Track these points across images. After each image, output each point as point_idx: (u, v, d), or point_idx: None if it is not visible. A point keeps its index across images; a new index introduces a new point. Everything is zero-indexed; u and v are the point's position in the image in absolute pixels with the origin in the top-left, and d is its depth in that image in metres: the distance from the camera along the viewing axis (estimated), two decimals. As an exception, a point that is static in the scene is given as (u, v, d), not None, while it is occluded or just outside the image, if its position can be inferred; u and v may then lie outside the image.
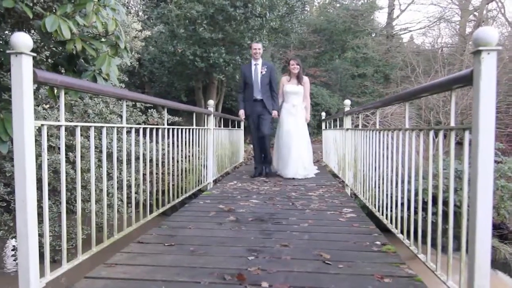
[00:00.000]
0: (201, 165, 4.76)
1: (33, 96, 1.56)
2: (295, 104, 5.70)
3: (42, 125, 1.70)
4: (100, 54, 2.47)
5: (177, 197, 3.69)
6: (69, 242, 4.18)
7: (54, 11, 2.32)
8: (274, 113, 5.63)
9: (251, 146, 6.44)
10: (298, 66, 5.72)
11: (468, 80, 1.47)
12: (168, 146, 3.46)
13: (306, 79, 5.80)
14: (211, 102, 5.30)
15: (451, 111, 1.72)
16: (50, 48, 2.82)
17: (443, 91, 1.91)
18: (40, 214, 1.61)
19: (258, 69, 5.56)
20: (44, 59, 2.95)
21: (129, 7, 7.47)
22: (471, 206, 1.43)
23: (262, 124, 5.62)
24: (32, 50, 1.51)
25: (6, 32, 2.97)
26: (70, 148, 4.79)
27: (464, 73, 1.51)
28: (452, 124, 1.75)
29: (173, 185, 3.59)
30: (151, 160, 3.05)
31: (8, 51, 1.49)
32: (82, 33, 2.54)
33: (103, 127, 2.28)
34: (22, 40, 1.46)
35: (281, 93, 5.83)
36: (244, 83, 5.64)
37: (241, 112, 5.72)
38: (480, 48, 1.37)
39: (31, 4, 2.12)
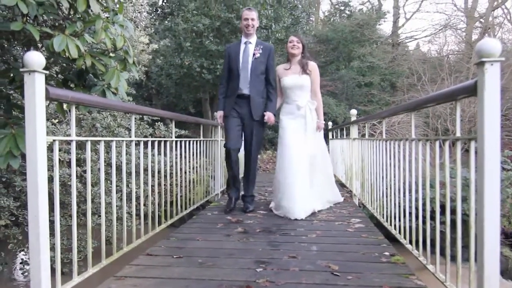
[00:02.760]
0: (209, 176, 4.79)
1: (45, 112, 1.61)
2: (300, 104, 3.79)
3: (54, 140, 1.74)
4: (109, 69, 2.53)
5: (185, 208, 3.71)
6: (77, 254, 4.22)
7: (64, 28, 2.38)
8: (268, 116, 3.71)
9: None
10: (301, 45, 3.84)
11: (472, 91, 1.48)
12: (176, 158, 3.49)
13: (313, 64, 3.88)
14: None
15: (456, 121, 1.73)
16: (60, 64, 2.89)
17: (448, 102, 1.92)
18: (50, 228, 1.64)
19: (249, 49, 3.74)
20: (54, 75, 3.02)
21: (137, 21, 7.61)
22: (479, 216, 1.43)
23: (247, 136, 3.81)
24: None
25: (15, 47, 3.06)
26: (77, 162, 4.86)
27: (468, 83, 1.53)
28: (458, 134, 1.76)
29: (181, 196, 3.61)
30: (159, 172, 3.09)
31: (21, 70, 1.54)
32: (91, 49, 2.61)
33: (112, 141, 2.32)
34: (35, 59, 1.51)
35: (277, 91, 3.94)
36: (229, 71, 3.80)
37: (219, 114, 3.86)
38: (484, 59, 1.38)
39: (39, 27, 2.18)
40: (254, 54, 3.71)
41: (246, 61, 3.71)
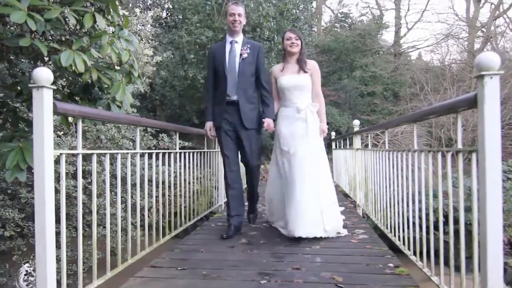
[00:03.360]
0: (212, 187, 4.80)
1: (52, 126, 1.64)
2: (300, 106, 3.35)
3: (61, 154, 1.77)
4: (114, 82, 2.58)
5: (189, 219, 3.72)
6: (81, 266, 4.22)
7: (71, 43, 2.44)
8: (267, 122, 3.32)
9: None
10: (299, 42, 3.42)
11: (472, 103, 1.50)
12: (180, 168, 3.51)
13: (313, 63, 3.50)
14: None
15: (458, 133, 1.75)
16: (66, 77, 2.94)
17: (449, 113, 1.94)
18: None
19: (236, 49, 3.32)
20: (60, 88, 3.07)
21: (141, 34, 7.72)
22: (481, 226, 1.44)
23: (243, 148, 3.38)
24: (50, 82, 1.60)
25: (23, 61, 3.12)
26: (82, 173, 4.88)
27: (468, 96, 1.55)
28: (460, 146, 1.77)
29: (185, 207, 3.63)
30: (163, 182, 3.11)
31: (30, 85, 1.58)
32: (97, 63, 2.65)
33: (118, 153, 2.35)
34: (44, 74, 1.55)
35: (274, 94, 3.53)
36: (214, 74, 3.39)
37: (208, 126, 3.43)
38: (483, 72, 1.40)
39: (46, 42, 2.23)
40: (241, 55, 3.29)
41: (233, 62, 3.29)
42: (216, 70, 3.35)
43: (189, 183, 3.78)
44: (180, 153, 3.50)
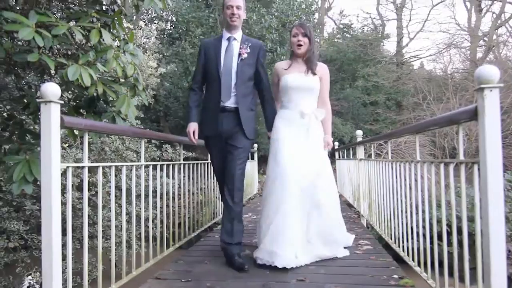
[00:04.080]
0: (216, 197, 4.81)
1: (59, 140, 1.67)
2: (305, 110, 2.92)
3: (68, 167, 1.80)
4: (119, 95, 2.62)
5: (193, 230, 3.73)
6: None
7: (77, 57, 2.48)
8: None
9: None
10: (308, 40, 2.91)
11: (473, 116, 1.52)
12: (184, 179, 3.53)
13: (323, 66, 3.04)
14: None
15: (459, 144, 1.76)
16: (72, 90, 2.99)
17: (450, 125, 1.95)
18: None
19: (234, 48, 2.84)
20: (67, 101, 3.12)
21: (146, 47, 7.84)
22: (484, 238, 1.45)
23: (229, 157, 2.81)
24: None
25: (30, 74, 3.18)
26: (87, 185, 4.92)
27: (469, 108, 1.57)
28: (461, 157, 1.79)
29: (189, 218, 3.64)
30: (167, 193, 3.13)
31: (38, 100, 1.61)
32: (103, 77, 2.70)
33: (123, 165, 2.38)
34: (51, 90, 1.59)
35: (275, 93, 3.10)
36: (204, 74, 2.91)
37: (192, 128, 2.89)
38: (483, 85, 1.43)
39: (54, 57, 2.28)
40: (240, 54, 2.79)
41: (230, 62, 2.79)
42: (207, 69, 2.86)
43: (193, 194, 3.79)
44: (184, 164, 3.53)
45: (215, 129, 2.82)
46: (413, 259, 2.60)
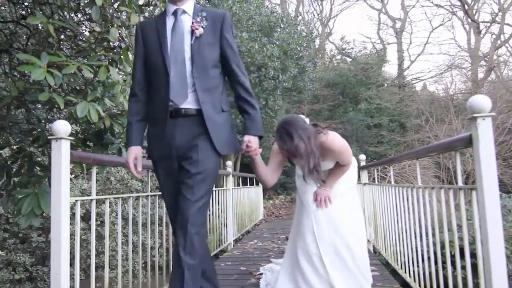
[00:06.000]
0: (221, 224, 4.82)
1: (69, 174, 1.74)
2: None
3: (76, 200, 1.85)
4: (125, 128, 2.69)
5: (199, 259, 3.72)
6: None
7: (86, 93, 2.58)
8: (248, 140, 1.99)
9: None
10: (294, 151, 2.17)
11: (468, 143, 1.57)
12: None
13: (330, 139, 2.32)
14: (229, 163, 5.47)
15: (457, 171, 1.80)
16: (80, 124, 3.09)
17: (448, 151, 2.00)
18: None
19: (184, 23, 1.89)
20: (75, 133, 3.21)
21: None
22: (485, 264, 1.47)
23: (183, 190, 1.82)
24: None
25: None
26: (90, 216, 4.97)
27: (464, 136, 1.62)
28: (460, 183, 1.82)
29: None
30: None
31: (50, 137, 1.69)
32: (110, 111, 2.79)
33: (129, 197, 2.43)
34: (62, 127, 1.66)
35: (274, 167, 2.44)
36: (145, 69, 1.96)
37: (132, 155, 1.93)
38: (475, 115, 1.48)
39: (63, 94, 2.37)
40: (193, 31, 1.86)
41: (180, 44, 1.86)
42: (148, 62, 1.93)
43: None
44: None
45: (163, 147, 1.91)
46: (419, 285, 2.59)
